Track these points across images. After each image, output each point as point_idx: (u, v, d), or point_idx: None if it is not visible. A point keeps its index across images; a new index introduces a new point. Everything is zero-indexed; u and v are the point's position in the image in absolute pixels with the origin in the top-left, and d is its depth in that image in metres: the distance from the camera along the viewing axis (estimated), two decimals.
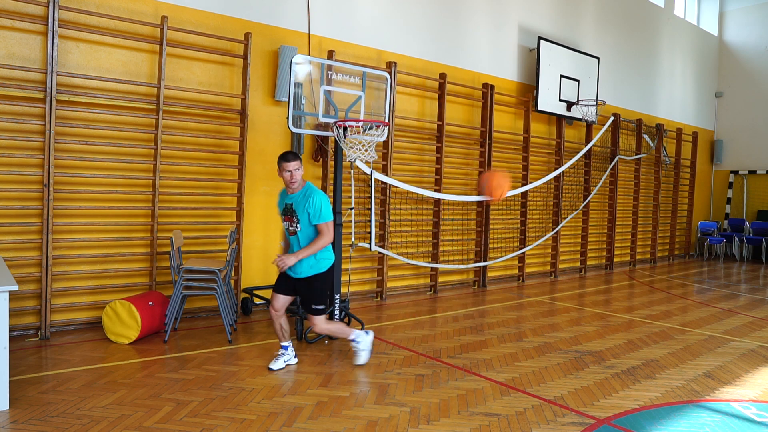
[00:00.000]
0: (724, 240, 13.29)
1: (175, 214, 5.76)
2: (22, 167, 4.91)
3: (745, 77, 13.99)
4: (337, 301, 5.18)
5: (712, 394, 4.04)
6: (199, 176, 5.88)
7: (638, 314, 6.80)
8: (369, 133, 5.19)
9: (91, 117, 5.23)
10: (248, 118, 6.06)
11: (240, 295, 6.10)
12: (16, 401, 3.45)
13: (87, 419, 3.25)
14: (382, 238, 7.22)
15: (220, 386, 3.88)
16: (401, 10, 7.54)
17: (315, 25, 6.66)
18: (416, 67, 7.64)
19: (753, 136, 13.73)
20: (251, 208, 6.23)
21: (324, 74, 5.41)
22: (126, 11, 5.37)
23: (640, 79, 11.89)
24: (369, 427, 3.30)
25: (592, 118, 9.80)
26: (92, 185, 5.28)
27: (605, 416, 3.56)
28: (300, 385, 3.97)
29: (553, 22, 9.81)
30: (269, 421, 3.32)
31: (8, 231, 4.87)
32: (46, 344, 4.74)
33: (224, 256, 5.98)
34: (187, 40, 5.73)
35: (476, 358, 4.75)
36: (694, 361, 4.89)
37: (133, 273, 5.50)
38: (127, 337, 4.80)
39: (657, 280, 9.83)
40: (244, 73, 6.01)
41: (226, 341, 4.98)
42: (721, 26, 14.43)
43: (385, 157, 7.16)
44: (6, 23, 4.81)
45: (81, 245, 5.24)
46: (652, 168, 12.05)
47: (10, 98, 4.82)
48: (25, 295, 4.91)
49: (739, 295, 8.45)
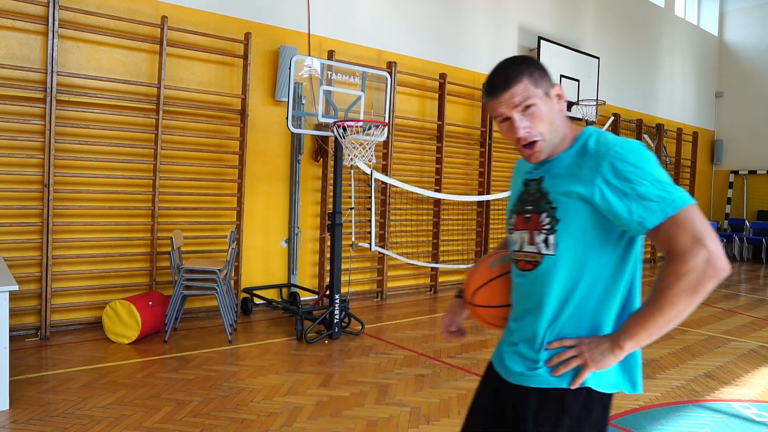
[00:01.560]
0: (725, 240, 13.28)
1: (175, 214, 5.75)
2: (22, 167, 4.91)
3: (745, 77, 13.99)
4: (337, 301, 5.18)
5: (712, 394, 4.04)
6: (199, 176, 5.88)
7: None
8: (369, 133, 5.19)
9: (91, 117, 5.23)
10: (248, 118, 6.06)
11: (240, 295, 6.10)
12: (16, 401, 3.45)
13: (87, 419, 3.25)
14: (382, 238, 7.22)
15: (220, 386, 3.88)
16: (401, 10, 7.54)
17: (315, 25, 6.66)
18: (416, 67, 7.64)
19: (753, 136, 13.73)
20: (251, 208, 6.23)
21: (324, 74, 5.41)
22: (126, 11, 5.37)
23: (640, 79, 11.89)
24: (369, 427, 3.30)
25: (592, 118, 9.79)
26: (92, 185, 5.28)
27: None
28: (300, 385, 3.97)
29: (553, 22, 9.80)
30: (269, 421, 3.32)
31: (8, 231, 4.87)
32: (46, 344, 4.74)
33: (224, 256, 5.98)
34: (187, 40, 5.73)
35: (476, 358, 4.75)
36: (694, 361, 4.89)
37: (133, 273, 5.50)
38: (127, 337, 4.80)
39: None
40: (244, 73, 6.01)
41: (226, 341, 4.98)
42: (722, 26, 14.43)
43: (385, 157, 7.16)
44: (6, 23, 4.81)
45: (81, 245, 5.24)
46: None
47: (10, 98, 4.82)
48: (25, 295, 4.91)
49: (740, 295, 8.45)
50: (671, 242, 1.25)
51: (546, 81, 1.41)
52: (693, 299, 1.24)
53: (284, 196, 6.51)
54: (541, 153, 1.42)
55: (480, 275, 1.63)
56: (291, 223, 6.52)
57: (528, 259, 1.45)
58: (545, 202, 1.41)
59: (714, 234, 1.24)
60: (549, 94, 1.40)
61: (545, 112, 1.38)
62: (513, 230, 1.52)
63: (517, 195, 1.55)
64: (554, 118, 1.40)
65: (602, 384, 1.38)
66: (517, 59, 1.41)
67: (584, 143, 1.40)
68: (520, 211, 1.50)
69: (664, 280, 1.26)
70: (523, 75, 1.37)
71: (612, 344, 1.32)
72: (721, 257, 1.22)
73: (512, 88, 1.37)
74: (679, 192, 1.26)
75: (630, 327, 1.31)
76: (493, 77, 1.41)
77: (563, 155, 1.43)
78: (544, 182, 1.44)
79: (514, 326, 1.52)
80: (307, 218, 6.69)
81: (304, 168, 6.61)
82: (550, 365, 1.39)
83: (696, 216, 1.24)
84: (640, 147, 1.32)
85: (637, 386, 1.42)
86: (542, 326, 1.42)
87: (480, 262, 1.67)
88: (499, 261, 1.63)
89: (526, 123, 1.38)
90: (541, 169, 1.46)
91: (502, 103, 1.39)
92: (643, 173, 1.28)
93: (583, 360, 1.34)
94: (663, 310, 1.25)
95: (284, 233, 6.52)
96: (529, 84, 1.37)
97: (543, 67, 1.41)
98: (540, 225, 1.41)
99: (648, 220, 1.27)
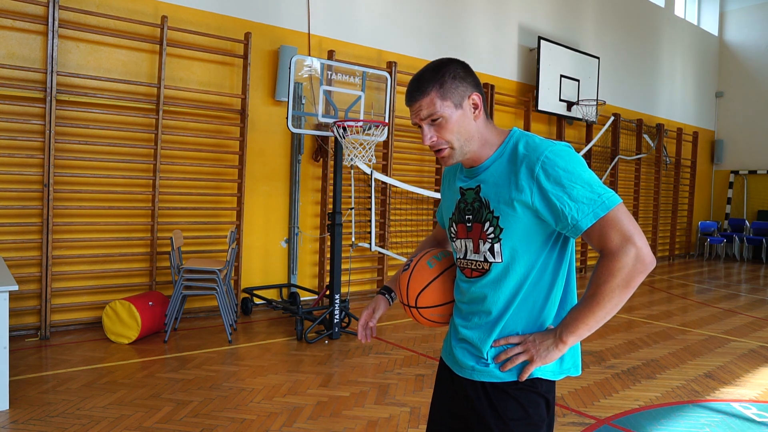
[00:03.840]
0: (725, 240, 13.28)
1: (175, 214, 5.75)
2: (22, 167, 4.91)
3: (745, 77, 13.99)
4: (337, 301, 5.18)
5: (713, 394, 4.04)
6: (199, 176, 5.88)
7: (638, 314, 6.80)
8: (369, 133, 5.19)
9: (91, 117, 5.23)
10: (248, 118, 6.06)
11: (240, 295, 6.10)
12: (16, 401, 3.45)
13: (87, 419, 3.25)
14: (382, 238, 7.22)
15: (220, 386, 3.88)
16: (401, 10, 7.54)
17: (315, 25, 6.66)
18: (416, 67, 7.64)
19: (753, 136, 13.72)
20: (251, 208, 6.23)
21: (324, 74, 5.42)
22: (126, 11, 5.37)
23: (640, 79, 11.89)
24: (369, 427, 3.30)
25: (592, 118, 9.79)
26: (92, 185, 5.28)
27: (605, 416, 3.56)
28: (300, 385, 3.97)
29: (553, 22, 9.80)
30: (269, 421, 3.32)
31: (8, 231, 4.87)
32: (46, 344, 4.74)
33: (224, 256, 5.98)
34: (187, 40, 5.73)
35: None
36: (695, 361, 4.89)
37: (133, 273, 5.50)
38: (127, 337, 4.80)
39: (657, 280, 9.82)
40: (244, 73, 6.01)
41: (226, 341, 4.98)
42: (722, 26, 14.42)
43: (385, 157, 7.16)
44: (6, 23, 4.81)
45: (81, 245, 5.24)
46: (652, 168, 12.04)
47: (10, 98, 4.82)
48: (25, 295, 4.91)
49: (740, 295, 8.44)
50: (603, 241, 1.33)
51: (459, 91, 1.41)
52: (626, 293, 1.33)
53: (284, 196, 6.51)
54: (450, 159, 1.47)
55: (420, 278, 1.62)
56: (291, 223, 6.52)
57: (474, 267, 1.50)
58: (487, 212, 1.45)
59: (640, 230, 1.32)
60: (461, 105, 1.42)
61: (454, 123, 1.42)
62: (455, 238, 1.56)
63: (453, 203, 1.57)
64: (465, 128, 1.43)
65: (551, 373, 1.47)
66: (434, 67, 1.43)
67: (513, 148, 1.44)
68: (460, 220, 1.53)
69: (599, 278, 1.34)
70: (432, 88, 1.40)
71: (555, 340, 1.40)
72: (648, 252, 1.31)
73: (419, 101, 1.42)
74: (607, 193, 1.34)
75: (571, 323, 1.38)
76: (410, 85, 1.45)
77: (493, 162, 1.46)
78: (481, 191, 1.47)
79: (460, 323, 1.56)
80: (307, 218, 6.69)
81: (304, 168, 6.61)
82: (497, 362, 1.46)
83: (624, 215, 1.32)
84: (568, 150, 1.38)
85: (578, 368, 1.53)
86: (489, 326, 1.48)
87: (413, 264, 1.65)
88: (435, 259, 1.64)
89: (432, 133, 1.43)
90: (476, 178, 1.49)
91: (413, 112, 1.45)
92: (574, 176, 1.34)
93: (530, 356, 1.41)
94: (600, 305, 1.34)
95: (284, 233, 6.52)
96: (436, 98, 1.40)
97: (460, 74, 1.41)
98: (484, 234, 1.46)
99: (581, 223, 1.33)
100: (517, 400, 1.45)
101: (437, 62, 1.44)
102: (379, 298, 1.80)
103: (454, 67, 1.43)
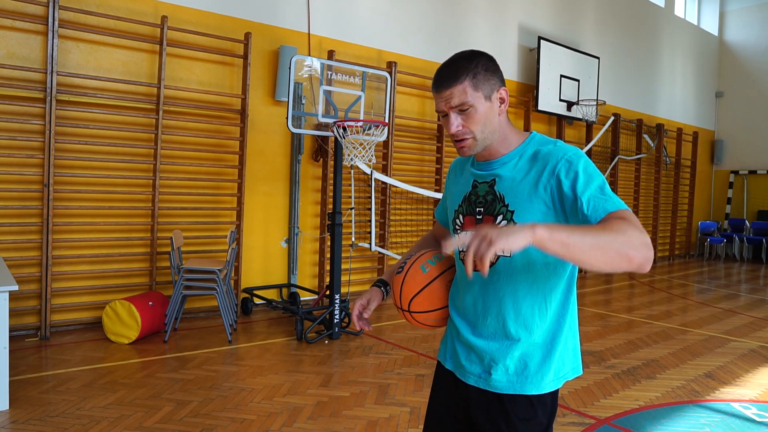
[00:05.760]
0: (725, 240, 13.28)
1: (175, 214, 5.75)
2: (22, 167, 4.91)
3: (745, 77, 13.98)
4: (337, 301, 5.18)
5: (713, 394, 4.04)
6: (199, 176, 5.88)
7: (638, 314, 6.80)
8: (369, 133, 5.19)
9: (91, 117, 5.23)
10: (248, 118, 6.06)
11: (240, 295, 6.10)
12: (16, 401, 3.45)
13: (87, 419, 3.25)
14: (382, 238, 7.22)
15: (220, 386, 3.88)
16: (401, 10, 7.54)
17: (315, 25, 6.66)
18: (416, 67, 7.64)
19: (753, 136, 13.72)
20: (251, 208, 6.23)
21: (324, 74, 5.42)
22: (126, 11, 5.37)
23: (640, 79, 11.89)
24: (369, 427, 3.30)
25: (592, 118, 9.79)
26: (92, 185, 5.28)
27: (605, 416, 3.56)
28: (300, 385, 3.97)
29: (553, 22, 9.80)
30: (269, 421, 3.32)
31: (8, 231, 4.87)
32: (46, 344, 4.74)
33: (224, 256, 5.98)
34: (187, 40, 5.73)
35: None
36: (695, 361, 4.89)
37: (133, 273, 5.50)
38: (127, 337, 4.80)
39: (657, 280, 9.82)
40: (244, 73, 6.01)
41: (226, 341, 4.98)
42: (722, 26, 14.42)
43: (385, 157, 7.16)
44: (6, 23, 4.81)
45: (81, 245, 5.23)
46: (652, 168, 12.04)
47: (10, 98, 4.82)
48: (25, 295, 4.91)
49: (740, 295, 8.44)
50: None
51: (490, 83, 1.42)
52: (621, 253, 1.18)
53: (284, 196, 6.51)
54: (470, 150, 1.46)
55: (414, 282, 1.59)
56: (291, 223, 6.52)
57: None
58: (501, 205, 1.44)
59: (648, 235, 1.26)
60: (490, 97, 1.42)
61: (481, 114, 1.42)
62: (460, 231, 1.54)
63: (461, 195, 1.56)
64: (491, 120, 1.44)
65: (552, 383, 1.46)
66: (467, 56, 1.43)
67: (535, 147, 1.45)
68: (469, 212, 1.52)
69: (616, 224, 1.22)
70: (466, 77, 1.39)
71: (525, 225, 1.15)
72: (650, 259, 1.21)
73: (452, 88, 1.40)
74: (617, 198, 1.33)
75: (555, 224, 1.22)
76: (440, 71, 1.44)
77: (512, 158, 1.47)
78: (496, 185, 1.47)
79: (461, 323, 1.54)
80: (307, 218, 6.69)
81: (304, 168, 6.61)
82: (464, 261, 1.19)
83: (632, 217, 1.27)
84: (586, 157, 1.41)
85: (579, 369, 1.52)
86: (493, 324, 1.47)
87: (407, 267, 1.62)
88: (429, 264, 1.60)
89: (459, 122, 1.42)
90: (492, 172, 1.49)
91: (443, 99, 1.42)
92: (591, 179, 1.35)
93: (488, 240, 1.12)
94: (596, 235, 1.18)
95: (284, 233, 6.52)
96: (469, 87, 1.40)
97: (492, 67, 1.43)
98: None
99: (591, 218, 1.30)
100: (528, 399, 1.45)
101: (468, 52, 1.44)
102: (374, 289, 1.77)
103: (486, 59, 1.44)
